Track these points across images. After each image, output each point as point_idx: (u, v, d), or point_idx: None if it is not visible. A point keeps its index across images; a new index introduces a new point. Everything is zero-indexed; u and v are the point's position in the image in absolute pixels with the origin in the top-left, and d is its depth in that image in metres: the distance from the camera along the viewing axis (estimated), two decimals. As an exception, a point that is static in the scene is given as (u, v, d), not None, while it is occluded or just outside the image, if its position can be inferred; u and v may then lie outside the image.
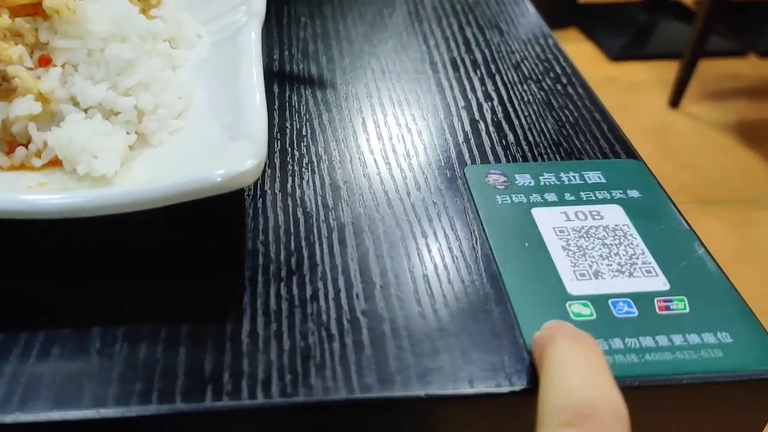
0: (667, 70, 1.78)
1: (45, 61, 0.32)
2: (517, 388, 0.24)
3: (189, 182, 0.26)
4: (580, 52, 1.91)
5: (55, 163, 0.30)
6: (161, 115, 0.32)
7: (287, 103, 0.39)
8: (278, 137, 0.37)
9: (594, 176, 0.34)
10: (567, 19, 2.02)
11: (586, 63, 1.84)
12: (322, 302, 0.27)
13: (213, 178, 0.26)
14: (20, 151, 0.30)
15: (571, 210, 0.32)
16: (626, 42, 1.97)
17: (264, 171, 0.31)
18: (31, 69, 0.31)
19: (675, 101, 1.69)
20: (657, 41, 2.00)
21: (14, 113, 0.30)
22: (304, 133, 0.37)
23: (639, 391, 0.25)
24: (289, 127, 0.38)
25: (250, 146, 0.28)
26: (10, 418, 0.23)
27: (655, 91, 1.77)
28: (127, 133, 0.31)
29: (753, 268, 1.23)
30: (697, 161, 1.51)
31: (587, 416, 0.20)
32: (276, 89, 0.41)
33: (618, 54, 1.90)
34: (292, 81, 0.42)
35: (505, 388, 0.25)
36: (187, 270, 0.29)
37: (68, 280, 0.28)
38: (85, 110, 0.31)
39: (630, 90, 1.77)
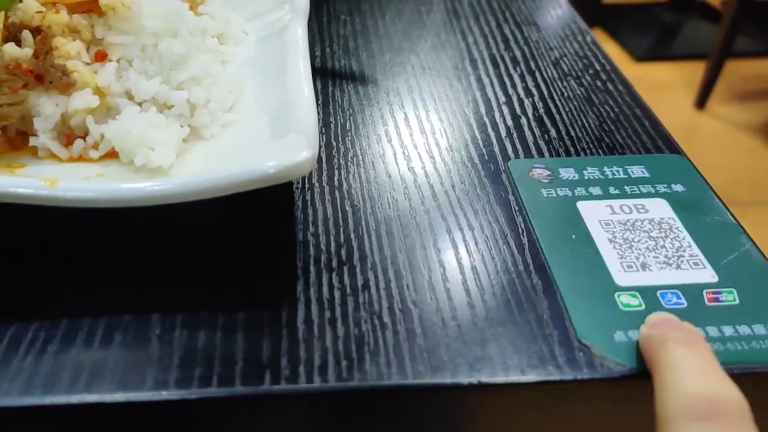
0: (693, 71, 1.77)
1: (101, 56, 0.32)
2: (569, 377, 0.25)
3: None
4: (605, 52, 1.89)
5: (112, 155, 0.31)
6: (213, 108, 0.33)
7: (330, 98, 0.40)
8: (323, 131, 0.37)
9: (638, 171, 0.34)
10: (591, 20, 2.01)
11: (611, 63, 1.82)
12: (373, 292, 0.28)
13: (266, 170, 0.27)
14: (78, 143, 0.31)
15: (616, 203, 0.32)
16: (651, 42, 1.95)
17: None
18: (88, 64, 0.32)
19: (701, 102, 1.68)
20: (682, 41, 1.98)
21: (73, 107, 0.31)
22: (348, 127, 0.38)
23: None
24: (333, 121, 0.38)
25: (302, 139, 0.28)
26: (76, 399, 0.24)
27: (681, 92, 1.75)
28: (181, 126, 0.32)
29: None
30: (725, 163, 1.50)
31: (718, 413, 0.20)
32: (319, 85, 0.41)
33: (643, 54, 1.88)
34: (334, 77, 0.42)
35: (556, 377, 0.25)
36: (241, 260, 0.29)
37: (126, 270, 0.29)
38: (140, 104, 0.32)
39: (656, 91, 1.76)
